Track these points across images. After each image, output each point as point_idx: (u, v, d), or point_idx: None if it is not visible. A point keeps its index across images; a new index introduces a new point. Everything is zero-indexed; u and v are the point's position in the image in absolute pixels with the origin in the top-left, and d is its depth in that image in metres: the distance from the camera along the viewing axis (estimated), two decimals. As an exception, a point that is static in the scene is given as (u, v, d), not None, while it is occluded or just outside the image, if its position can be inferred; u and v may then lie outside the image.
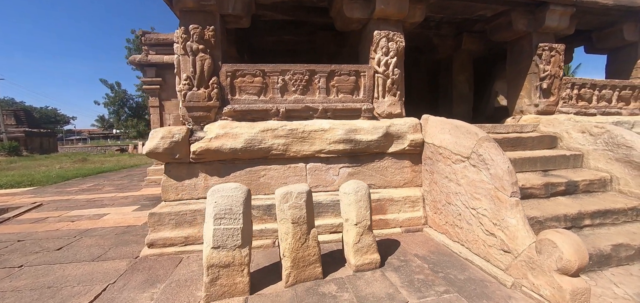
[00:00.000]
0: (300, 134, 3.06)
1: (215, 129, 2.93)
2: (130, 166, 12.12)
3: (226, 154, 2.93)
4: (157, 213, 2.84)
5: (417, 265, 2.53)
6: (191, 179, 2.98)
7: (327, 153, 3.15)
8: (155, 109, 7.43)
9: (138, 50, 23.46)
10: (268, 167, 3.10)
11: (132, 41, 22.97)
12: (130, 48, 23.26)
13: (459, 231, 2.78)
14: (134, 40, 22.84)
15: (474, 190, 2.56)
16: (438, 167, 3.07)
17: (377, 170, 3.35)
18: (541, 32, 3.97)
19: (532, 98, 4.07)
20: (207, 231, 2.01)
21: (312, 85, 3.31)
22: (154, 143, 2.76)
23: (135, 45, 22.78)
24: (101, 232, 3.67)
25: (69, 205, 5.26)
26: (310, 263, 2.26)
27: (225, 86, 3.10)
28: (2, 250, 3.16)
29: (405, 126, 3.30)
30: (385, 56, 3.41)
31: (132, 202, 5.35)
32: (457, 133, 2.82)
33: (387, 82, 3.44)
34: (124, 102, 26.08)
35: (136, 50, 23.02)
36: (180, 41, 2.99)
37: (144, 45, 7.14)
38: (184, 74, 3.01)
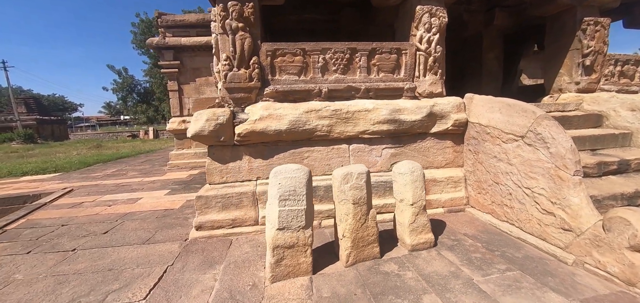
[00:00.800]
0: (344, 115, 3.00)
1: (258, 111, 2.88)
2: (146, 152, 12.22)
3: (271, 136, 2.90)
4: (203, 196, 2.84)
5: (470, 244, 2.52)
6: (235, 162, 2.96)
7: (371, 134, 3.10)
8: (174, 93, 7.38)
9: (143, 34, 23.17)
10: (311, 149, 3.07)
11: (137, 25, 22.61)
12: (136, 32, 22.92)
13: (508, 211, 2.75)
14: (139, 23, 22.48)
15: (529, 169, 2.51)
16: (484, 147, 3.01)
17: (419, 151, 3.30)
18: (586, 6, 3.77)
19: (573, 76, 3.92)
20: (272, 213, 2.01)
21: (353, 64, 3.21)
22: (199, 125, 2.73)
23: (140, 29, 22.46)
24: (140, 216, 3.72)
25: (99, 190, 5.33)
26: (369, 243, 2.26)
27: (265, 66, 3.03)
28: (50, 235, 3.23)
29: (448, 105, 3.22)
30: (427, 32, 3.28)
31: (161, 186, 5.40)
32: (509, 111, 2.73)
33: (428, 60, 3.33)
34: (132, 88, 26.03)
35: (141, 34, 22.72)
36: (219, 20, 2.89)
37: (161, 27, 6.99)
38: (223, 54, 2.93)
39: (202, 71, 7.48)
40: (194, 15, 7.01)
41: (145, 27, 22.85)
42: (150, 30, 22.97)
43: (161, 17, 6.87)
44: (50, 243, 3.00)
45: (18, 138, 17.31)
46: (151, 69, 24.15)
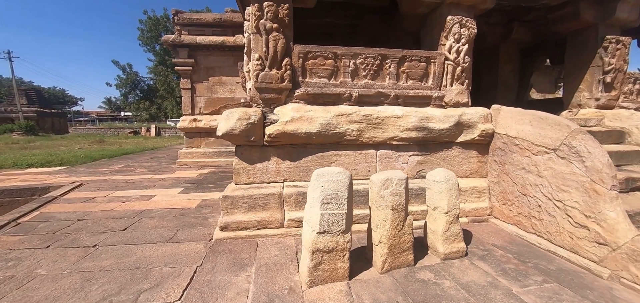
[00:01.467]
0: (373, 120, 3.00)
1: (289, 112, 2.86)
2: (150, 149, 12.13)
3: (300, 138, 2.88)
4: (229, 196, 2.81)
5: (501, 255, 2.51)
6: (263, 163, 2.94)
7: (399, 140, 3.10)
8: (186, 91, 7.36)
9: (150, 31, 23.18)
10: (340, 153, 3.06)
11: (145, 22, 22.63)
12: (143, 29, 22.94)
13: (536, 223, 2.75)
14: (147, 20, 22.49)
15: (562, 182, 2.51)
16: (512, 158, 3.02)
17: (445, 159, 3.30)
18: (608, 24, 3.83)
19: (593, 92, 3.97)
20: (313, 216, 1.98)
21: (383, 70, 3.22)
22: (230, 124, 2.71)
23: (147, 26, 22.45)
24: (158, 213, 3.67)
25: (110, 186, 5.27)
26: (404, 250, 2.24)
27: (297, 68, 3.03)
28: (67, 229, 3.17)
29: (476, 115, 3.23)
30: (457, 42, 3.30)
31: (173, 184, 5.35)
32: (541, 124, 2.75)
33: (456, 70, 3.35)
34: (135, 85, 25.96)
35: (149, 31, 22.73)
36: (253, 19, 2.90)
37: (177, 25, 7.00)
38: (256, 53, 2.93)
39: (216, 70, 7.49)
40: (210, 15, 7.03)
41: (152, 25, 22.91)
42: (157, 28, 23.06)
43: (178, 15, 6.88)
44: (69, 237, 2.94)
45: (19, 129, 17.14)
46: (156, 67, 24.17)
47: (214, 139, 7.65)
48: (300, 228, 2.87)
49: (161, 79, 24.17)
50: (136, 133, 21.45)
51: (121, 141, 16.08)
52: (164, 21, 23.49)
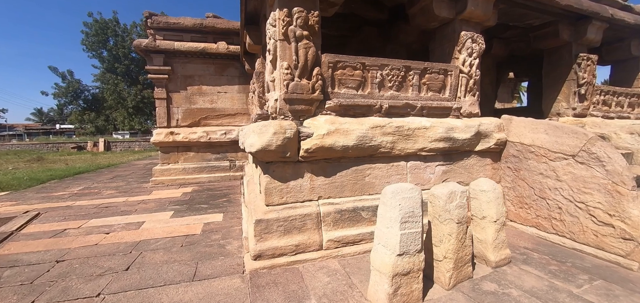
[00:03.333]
0: (405, 132, 2.96)
1: (324, 125, 2.68)
2: (106, 166, 10.60)
3: (337, 153, 2.71)
4: (263, 220, 2.51)
5: (539, 257, 2.62)
6: (296, 180, 2.69)
7: (428, 151, 3.10)
8: (162, 101, 6.60)
9: (97, 35, 20.68)
10: (373, 166, 2.95)
11: (90, 26, 20.08)
12: (88, 33, 20.33)
13: (558, 224, 2.95)
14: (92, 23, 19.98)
15: (582, 185, 2.74)
16: (528, 164, 3.23)
17: (465, 168, 3.40)
18: (580, 43, 4.42)
19: (570, 102, 4.51)
20: (391, 237, 1.83)
21: (406, 81, 3.23)
22: (265, 139, 2.43)
23: (93, 30, 19.94)
24: (159, 245, 3.14)
25: (78, 214, 4.41)
26: (465, 262, 2.20)
27: (326, 78, 2.87)
28: (48, 276, 2.52)
29: (491, 125, 3.40)
30: (469, 57, 3.48)
31: (158, 207, 4.67)
32: (556, 132, 2.99)
33: (469, 82, 3.51)
34: (77, 94, 22.71)
35: (95, 35, 20.22)
36: (282, 25, 2.68)
37: (150, 28, 6.28)
38: (284, 62, 2.71)
39: (195, 79, 6.87)
40: (190, 20, 6.45)
41: (99, 28, 20.43)
42: (105, 32, 20.62)
43: (151, 18, 6.17)
44: (56, 287, 2.32)
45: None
46: (103, 74, 21.52)
47: (193, 153, 6.96)
48: (340, 249, 2.67)
49: (110, 87, 21.56)
50: (81, 148, 18.66)
51: (66, 158, 13.81)
52: (112, 25, 21.13)
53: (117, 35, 21.33)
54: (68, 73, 22.38)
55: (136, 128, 23.56)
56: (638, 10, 4.75)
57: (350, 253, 2.68)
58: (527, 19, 4.30)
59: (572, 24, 4.33)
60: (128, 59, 21.71)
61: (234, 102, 7.22)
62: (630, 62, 5.29)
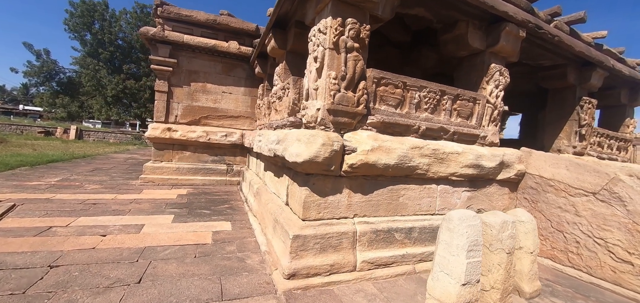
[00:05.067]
0: (440, 155, 2.96)
1: (367, 141, 2.61)
2: (81, 156, 9.75)
3: (377, 170, 2.64)
4: (300, 236, 2.35)
5: (564, 290, 2.67)
6: (335, 196, 2.58)
7: (458, 177, 3.12)
8: (162, 94, 6.22)
9: (82, 17, 19.42)
10: (407, 186, 2.90)
11: (77, 6, 18.82)
12: (73, 13, 19.03)
13: (574, 257, 3.05)
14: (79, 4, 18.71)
15: (602, 222, 2.87)
16: (546, 197, 3.35)
17: (487, 195, 3.46)
18: (583, 87, 4.77)
19: (571, 140, 4.81)
20: (457, 266, 1.76)
21: (440, 105, 3.26)
22: (313, 150, 2.31)
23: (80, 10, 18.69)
24: (168, 254, 2.85)
25: (62, 209, 3.95)
26: (508, 293, 2.18)
27: (370, 93, 2.82)
28: (42, 285, 2.17)
29: (513, 156, 3.51)
30: (496, 88, 3.60)
31: (154, 209, 4.30)
32: (578, 169, 3.13)
33: (494, 112, 3.63)
34: (51, 75, 20.96)
35: (80, 17, 18.95)
36: (334, 34, 2.61)
37: (160, 17, 5.95)
38: (332, 72, 2.63)
39: (200, 75, 6.58)
40: (203, 14, 6.21)
41: (85, 10, 19.20)
42: (92, 15, 19.42)
43: (162, 6, 5.86)
44: (57, 299, 2.00)
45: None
46: (84, 58, 20.10)
47: (189, 153, 6.58)
48: (373, 271, 2.56)
49: (89, 73, 20.14)
50: (49, 134, 17.07)
51: (32, 142, 12.54)
52: (101, 8, 19.95)
53: (104, 20, 20.16)
54: (44, 52, 20.67)
55: (113, 119, 22.11)
56: (630, 63, 5.24)
57: (383, 275, 2.58)
58: (541, 59, 4.57)
59: (578, 69, 4.67)
60: (113, 45, 20.53)
61: (238, 104, 6.98)
62: (619, 109, 5.79)
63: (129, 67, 21.68)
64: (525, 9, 3.71)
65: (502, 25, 3.46)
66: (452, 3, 3.27)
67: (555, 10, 4.14)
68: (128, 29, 22.00)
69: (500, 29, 3.47)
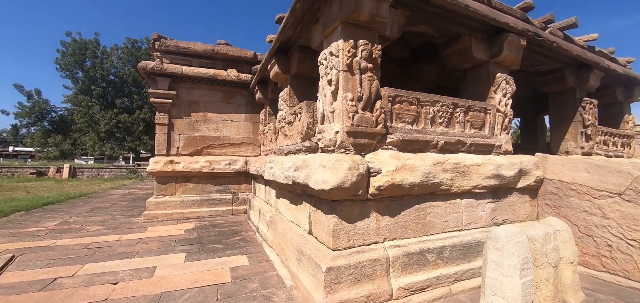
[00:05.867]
0: (462, 169, 2.91)
1: (390, 160, 2.54)
2: (77, 196, 9.42)
3: (403, 190, 2.56)
4: (334, 267, 2.22)
5: (606, 299, 2.57)
6: (363, 221, 2.47)
7: (480, 189, 3.06)
8: (163, 127, 6.11)
9: (74, 55, 19.50)
10: (433, 204, 2.82)
11: (68, 45, 18.91)
12: (64, 52, 19.09)
13: (608, 262, 2.97)
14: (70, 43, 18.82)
15: (633, 223, 2.81)
16: (569, 202, 3.30)
17: (509, 205, 3.39)
18: (582, 89, 4.87)
19: (578, 141, 4.85)
20: (511, 288, 1.66)
21: (453, 118, 3.25)
22: (339, 175, 2.22)
23: (71, 49, 18.77)
24: (187, 299, 2.66)
25: (64, 256, 3.72)
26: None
27: (386, 111, 2.79)
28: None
29: (530, 163, 3.49)
30: (504, 96, 3.63)
31: (163, 248, 4.09)
32: (599, 171, 3.11)
33: (505, 120, 3.64)
34: (43, 115, 20.68)
35: (71, 55, 19.00)
36: (346, 56, 2.60)
37: (157, 51, 5.96)
38: (348, 93, 2.60)
39: (200, 105, 6.53)
40: (200, 45, 6.25)
41: (77, 48, 19.29)
42: (84, 53, 19.51)
43: (160, 40, 5.88)
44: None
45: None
46: (76, 96, 19.96)
47: (193, 185, 6.40)
48: (410, 297, 2.42)
49: (82, 110, 19.94)
50: (41, 174, 16.57)
51: (25, 185, 12.11)
52: (92, 46, 20.08)
53: (95, 57, 20.23)
54: (35, 92, 20.48)
55: (106, 154, 21.71)
56: (622, 62, 5.42)
57: (421, 301, 2.44)
58: (539, 65, 4.68)
59: (575, 72, 4.78)
60: (105, 81, 20.50)
61: (239, 131, 6.90)
62: (617, 107, 5.92)
63: (122, 101, 21.60)
64: (522, 19, 3.82)
65: (503, 36, 3.54)
66: (455, 18, 3.34)
67: (548, 17, 4.28)
68: (119, 64, 22.12)
69: (502, 40, 3.54)
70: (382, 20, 2.69)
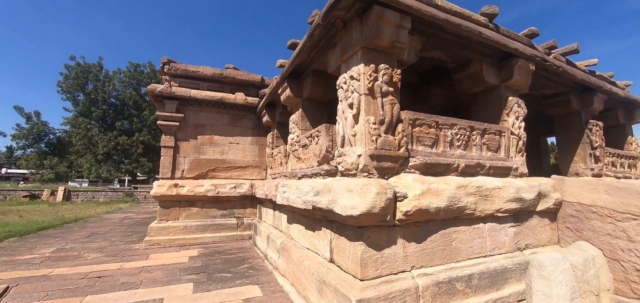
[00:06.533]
0: (484, 192, 2.86)
1: (414, 184, 2.49)
2: (73, 220, 9.10)
3: (429, 215, 2.49)
4: (364, 299, 2.09)
5: (645, 332, 2.45)
6: (391, 248, 2.38)
7: (503, 212, 3.00)
8: (168, 150, 6.04)
9: (77, 78, 19.68)
10: (457, 229, 2.74)
11: (71, 69, 19.14)
12: (67, 75, 19.27)
13: (638, 288, 2.86)
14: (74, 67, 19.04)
15: (661, 249, 2.75)
16: (590, 225, 3.23)
17: (530, 229, 3.32)
18: (586, 111, 4.96)
19: (588, 163, 4.87)
20: (563, 322, 1.56)
21: (471, 141, 3.25)
22: (368, 201, 2.16)
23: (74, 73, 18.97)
24: (201, 331, 2.48)
25: (63, 287, 3.51)
26: (604, 346, 1.95)
27: (407, 135, 2.77)
28: None
29: (548, 185, 3.46)
30: (516, 119, 3.67)
31: (168, 278, 3.89)
32: (619, 193, 3.09)
33: (519, 143, 3.65)
34: (41, 137, 20.48)
35: (74, 78, 19.18)
36: (368, 80, 2.62)
37: (166, 75, 6.02)
38: (371, 116, 2.59)
39: (207, 128, 6.51)
40: (209, 69, 6.33)
41: (80, 72, 19.53)
42: (86, 76, 19.73)
43: (170, 64, 5.95)
44: None
45: None
46: (75, 118, 19.92)
47: (197, 209, 6.24)
48: (441, 331, 2.28)
49: (80, 132, 19.82)
50: (35, 197, 16.10)
51: (17, 208, 11.71)
52: (95, 70, 20.34)
53: (98, 80, 20.43)
54: (34, 114, 20.43)
55: (103, 176, 21.34)
56: (621, 85, 5.58)
57: (452, 335, 2.30)
58: (544, 88, 4.79)
59: (579, 95, 4.89)
60: (106, 104, 20.59)
61: (245, 154, 6.85)
62: (619, 128, 6.02)
63: (122, 123, 21.58)
64: (528, 45, 3.95)
65: (513, 61, 3.63)
66: (467, 44, 3.43)
67: (551, 43, 4.43)
68: (121, 87, 22.32)
69: (512, 64, 3.63)
70: (402, 45, 2.74)
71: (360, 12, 2.71)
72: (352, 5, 2.66)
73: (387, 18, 2.59)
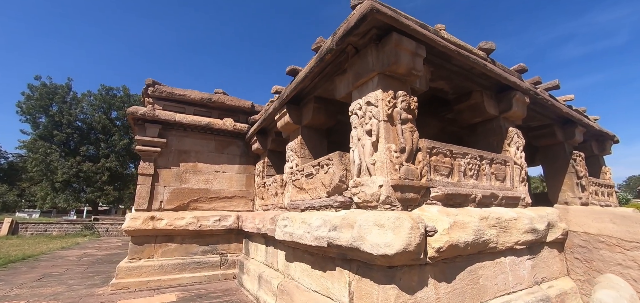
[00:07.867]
0: (503, 224, 2.75)
1: (440, 217, 2.31)
2: (20, 259, 7.77)
3: (458, 250, 2.29)
4: (399, 353, 1.79)
5: None
6: (423, 290, 2.12)
7: (521, 244, 2.89)
8: (146, 178, 5.44)
9: (41, 99, 18.09)
10: (482, 265, 2.56)
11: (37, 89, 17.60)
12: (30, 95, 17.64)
13: (656, 324, 2.81)
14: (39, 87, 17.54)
15: (673, 279, 2.75)
16: (600, 255, 3.22)
17: (543, 261, 3.23)
18: (569, 142, 5.26)
19: (575, 192, 5.05)
20: None
21: (481, 171, 3.20)
22: (402, 238, 1.92)
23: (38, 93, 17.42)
24: None
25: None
26: None
27: (427, 164, 2.64)
28: None
29: (554, 215, 3.45)
30: (518, 150, 3.72)
31: (146, 331, 3.25)
32: (625, 222, 3.13)
33: (522, 172, 3.67)
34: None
35: (38, 99, 17.58)
36: (387, 107, 2.51)
37: (150, 97, 5.58)
38: (392, 144, 2.43)
39: (191, 155, 6.02)
40: (197, 93, 5.99)
41: (45, 93, 18.00)
42: (52, 97, 18.23)
43: (154, 86, 5.54)
44: None
45: None
46: (34, 142, 17.99)
47: (175, 245, 5.56)
48: None
49: (38, 157, 17.83)
50: (-30, 235, 13.70)
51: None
52: (62, 91, 18.89)
53: (64, 102, 18.91)
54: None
55: (60, 206, 19.04)
56: (592, 119, 6.06)
57: None
58: (531, 120, 5.02)
59: (562, 127, 5.20)
60: (71, 127, 18.94)
61: (232, 184, 6.38)
62: (593, 159, 6.45)
63: (87, 148, 19.83)
64: (519, 79, 4.16)
65: (511, 93, 3.76)
66: (470, 76, 3.51)
67: (536, 79, 4.71)
68: (90, 110, 20.84)
69: (511, 97, 3.75)
70: (418, 73, 2.70)
71: (376, 38, 2.65)
72: (368, 31, 2.60)
73: (404, 45, 2.54)
